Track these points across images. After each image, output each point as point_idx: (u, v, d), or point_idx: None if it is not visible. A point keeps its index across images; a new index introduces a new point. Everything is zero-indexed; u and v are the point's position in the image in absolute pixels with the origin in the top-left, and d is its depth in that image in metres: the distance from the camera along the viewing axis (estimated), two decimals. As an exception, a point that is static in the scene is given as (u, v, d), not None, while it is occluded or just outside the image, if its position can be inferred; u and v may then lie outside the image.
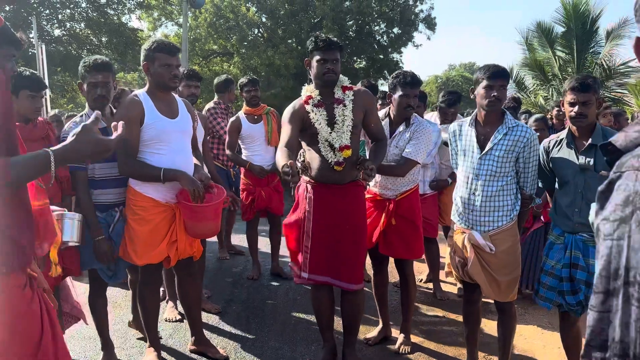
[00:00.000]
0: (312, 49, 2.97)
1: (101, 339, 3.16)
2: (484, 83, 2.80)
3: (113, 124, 1.55)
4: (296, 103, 3.06)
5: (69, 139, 1.40)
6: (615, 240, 0.84)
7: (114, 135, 1.48)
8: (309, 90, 3.06)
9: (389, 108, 3.47)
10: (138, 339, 3.57)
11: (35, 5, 15.66)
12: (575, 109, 2.67)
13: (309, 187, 3.06)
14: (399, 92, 3.32)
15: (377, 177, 3.35)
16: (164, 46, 2.89)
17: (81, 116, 3.00)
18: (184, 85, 4.20)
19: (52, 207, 2.13)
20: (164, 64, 2.88)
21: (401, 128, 3.39)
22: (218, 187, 3.12)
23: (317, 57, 2.94)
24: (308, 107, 3.00)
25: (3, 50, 1.84)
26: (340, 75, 3.04)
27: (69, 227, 2.34)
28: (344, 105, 2.97)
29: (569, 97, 2.71)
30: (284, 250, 5.28)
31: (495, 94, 2.77)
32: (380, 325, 3.67)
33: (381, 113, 3.46)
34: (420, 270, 5.22)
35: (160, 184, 2.88)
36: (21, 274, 1.39)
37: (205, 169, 3.37)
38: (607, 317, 0.86)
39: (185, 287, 3.25)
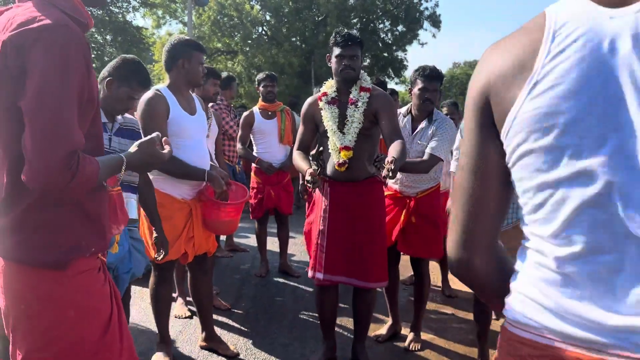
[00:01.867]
0: (332, 44, 2.95)
1: None
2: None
3: (164, 138, 1.64)
4: (312, 98, 3.07)
5: (133, 147, 1.55)
6: None
7: (166, 149, 1.62)
8: (328, 85, 3.05)
9: (410, 104, 3.46)
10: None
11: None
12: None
13: (326, 185, 3.04)
14: (418, 85, 3.31)
15: (399, 174, 3.26)
16: (199, 45, 3.00)
17: None
18: (211, 84, 4.23)
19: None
20: (201, 62, 2.95)
21: (423, 124, 3.36)
22: (237, 184, 3.17)
23: (336, 53, 2.92)
24: (321, 104, 2.99)
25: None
26: (364, 74, 3.01)
27: (132, 207, 2.48)
28: (356, 107, 2.94)
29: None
30: (292, 249, 5.30)
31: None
32: (390, 322, 3.66)
33: (403, 110, 3.45)
34: (430, 267, 5.21)
35: (179, 181, 2.92)
36: (96, 257, 1.50)
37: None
38: None
39: (197, 283, 3.26)
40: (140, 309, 3.98)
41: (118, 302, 1.55)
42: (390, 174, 2.47)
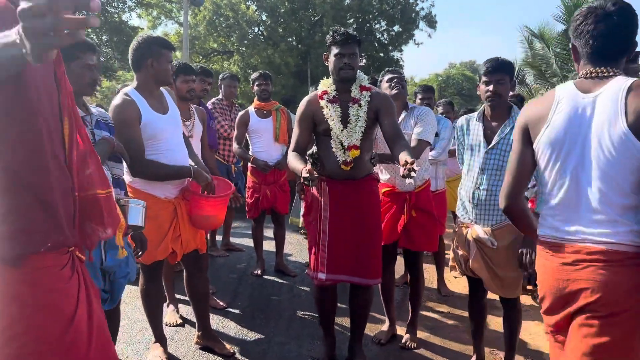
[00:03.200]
0: (330, 43, 2.94)
1: None
2: (483, 78, 2.82)
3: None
4: (310, 97, 3.06)
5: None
6: None
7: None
8: (325, 84, 3.04)
9: None
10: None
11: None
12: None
13: (324, 184, 3.04)
14: (387, 77, 3.57)
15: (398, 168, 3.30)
16: (167, 42, 2.93)
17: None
18: (199, 80, 4.23)
19: (120, 196, 2.25)
20: (169, 60, 2.91)
21: (402, 115, 3.49)
22: (220, 179, 3.19)
23: (334, 52, 2.91)
24: (322, 102, 2.98)
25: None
26: (361, 73, 3.02)
27: (135, 213, 2.39)
28: (359, 106, 2.94)
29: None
30: (288, 248, 5.31)
31: (491, 88, 2.77)
32: (388, 323, 3.66)
33: None
34: (425, 267, 5.23)
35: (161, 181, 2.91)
36: (60, 255, 1.45)
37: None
38: None
39: (193, 281, 3.25)
40: (136, 307, 3.98)
41: (90, 302, 1.51)
42: (413, 173, 2.39)
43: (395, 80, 3.51)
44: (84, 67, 2.37)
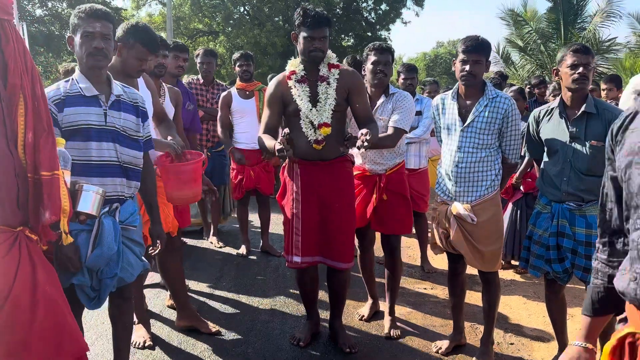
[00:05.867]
0: (299, 23, 2.86)
1: None
2: (460, 56, 2.81)
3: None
4: (279, 78, 3.02)
5: None
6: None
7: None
8: (293, 65, 3.00)
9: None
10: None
11: (14, -16, 15.27)
12: (580, 70, 2.67)
13: (295, 166, 3.02)
14: (371, 60, 3.29)
15: (368, 151, 3.26)
16: (146, 40, 2.70)
17: (66, 81, 2.28)
18: (173, 57, 4.09)
19: (76, 179, 2.00)
20: (141, 58, 2.70)
21: (382, 100, 3.33)
22: (192, 152, 3.10)
23: (304, 34, 2.84)
24: (290, 83, 2.96)
25: None
26: (329, 51, 2.97)
27: (87, 199, 2.08)
28: (328, 84, 2.91)
29: (569, 60, 2.71)
30: (273, 228, 5.32)
31: (467, 68, 2.76)
32: (370, 301, 3.67)
33: None
34: (409, 244, 5.29)
35: None
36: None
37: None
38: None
39: (166, 264, 3.22)
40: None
41: (35, 282, 1.52)
42: (366, 144, 2.45)
43: (379, 67, 3.28)
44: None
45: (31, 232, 1.55)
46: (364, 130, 2.60)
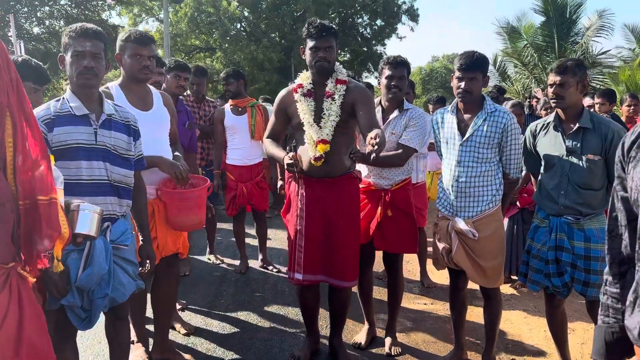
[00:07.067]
0: (306, 35, 2.88)
1: None
2: (456, 73, 2.81)
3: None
4: (288, 88, 3.02)
5: None
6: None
7: None
8: (303, 77, 2.99)
9: (379, 97, 3.38)
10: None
11: (12, 3, 15.40)
12: (553, 89, 2.73)
13: (300, 182, 2.98)
14: (385, 74, 3.22)
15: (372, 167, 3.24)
16: (135, 36, 2.76)
17: (57, 100, 2.28)
18: (173, 76, 4.14)
19: (69, 199, 1.87)
20: (134, 54, 2.74)
21: (395, 114, 3.25)
22: (197, 177, 3.08)
23: (310, 45, 2.86)
24: (297, 96, 2.95)
25: None
26: (340, 66, 2.95)
27: (85, 219, 1.99)
28: (333, 100, 2.88)
29: (550, 79, 2.77)
30: (270, 243, 5.30)
31: (463, 86, 2.76)
32: (367, 326, 3.52)
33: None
34: (408, 259, 5.26)
35: None
36: None
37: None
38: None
39: (160, 284, 3.05)
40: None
41: (21, 323, 1.43)
42: (376, 147, 2.38)
43: (393, 82, 3.20)
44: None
45: (22, 267, 1.43)
46: (372, 134, 2.48)
